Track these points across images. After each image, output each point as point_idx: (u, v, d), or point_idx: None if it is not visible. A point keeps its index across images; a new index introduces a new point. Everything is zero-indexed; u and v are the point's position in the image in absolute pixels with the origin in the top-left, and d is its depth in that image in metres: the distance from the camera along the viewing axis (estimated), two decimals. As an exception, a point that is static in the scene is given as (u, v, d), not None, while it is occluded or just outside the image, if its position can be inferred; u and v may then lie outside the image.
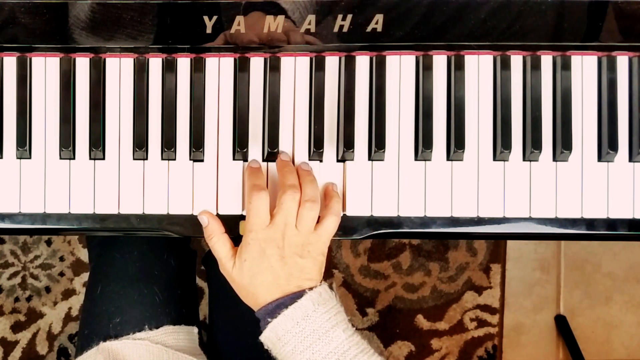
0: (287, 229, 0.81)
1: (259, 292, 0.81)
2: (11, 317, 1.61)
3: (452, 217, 0.87)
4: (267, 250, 0.80)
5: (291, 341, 0.78)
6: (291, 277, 0.80)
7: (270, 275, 0.81)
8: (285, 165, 0.85)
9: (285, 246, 0.81)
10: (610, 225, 0.88)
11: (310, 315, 0.78)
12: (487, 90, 0.88)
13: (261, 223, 0.81)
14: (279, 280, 0.80)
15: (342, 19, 0.84)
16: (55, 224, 0.87)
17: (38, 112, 0.87)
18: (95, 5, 0.83)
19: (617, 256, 1.66)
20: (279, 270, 0.80)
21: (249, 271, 0.81)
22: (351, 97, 0.87)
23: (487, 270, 1.65)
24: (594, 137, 0.88)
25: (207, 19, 0.84)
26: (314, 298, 0.79)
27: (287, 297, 0.80)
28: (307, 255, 0.81)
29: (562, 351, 1.66)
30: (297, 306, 0.79)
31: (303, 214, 0.81)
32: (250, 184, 0.84)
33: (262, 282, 0.81)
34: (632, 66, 0.88)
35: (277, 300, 0.80)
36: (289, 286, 0.80)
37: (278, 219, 0.81)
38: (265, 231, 0.81)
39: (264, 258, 0.80)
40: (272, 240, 0.81)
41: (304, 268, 0.81)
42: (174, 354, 0.94)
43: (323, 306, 0.79)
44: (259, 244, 0.81)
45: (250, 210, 0.82)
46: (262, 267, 0.81)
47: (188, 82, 0.87)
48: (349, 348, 0.78)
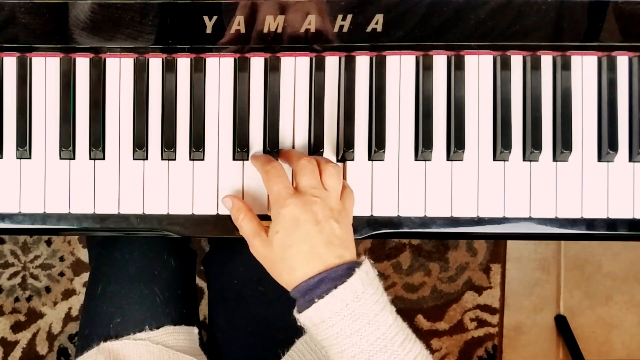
0: (317, 191, 0.77)
1: (296, 264, 0.75)
2: (11, 317, 1.61)
3: (452, 217, 0.87)
4: (300, 217, 0.75)
5: (338, 324, 0.72)
6: (330, 244, 0.75)
7: (307, 243, 0.75)
8: (289, 149, 0.85)
9: (318, 209, 0.75)
10: (610, 225, 0.88)
11: (360, 297, 0.72)
12: (487, 90, 0.88)
13: (286, 190, 0.77)
14: (318, 248, 0.75)
15: (342, 19, 0.84)
16: (55, 224, 0.87)
17: (38, 112, 0.87)
18: (96, 5, 0.83)
19: (617, 256, 1.66)
20: (317, 237, 0.75)
21: (283, 243, 0.76)
22: (351, 97, 0.87)
23: (487, 270, 1.65)
24: (594, 137, 0.88)
25: (207, 19, 0.84)
26: (362, 278, 0.73)
27: (331, 270, 0.74)
28: (341, 220, 0.76)
29: (562, 351, 1.66)
30: (347, 286, 0.72)
31: (327, 173, 0.78)
32: (260, 160, 0.82)
33: (299, 252, 0.75)
34: (632, 66, 0.88)
35: (320, 274, 0.74)
36: (329, 255, 0.75)
37: (304, 183, 0.77)
38: (293, 197, 0.76)
39: (298, 226, 0.75)
40: (304, 204, 0.75)
41: (341, 235, 0.76)
42: (174, 354, 0.94)
43: (371, 287, 0.73)
44: (290, 211, 0.76)
45: (269, 181, 0.79)
46: (297, 236, 0.75)
47: (188, 82, 0.87)
48: (396, 334, 0.73)
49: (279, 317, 0.98)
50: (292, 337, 0.95)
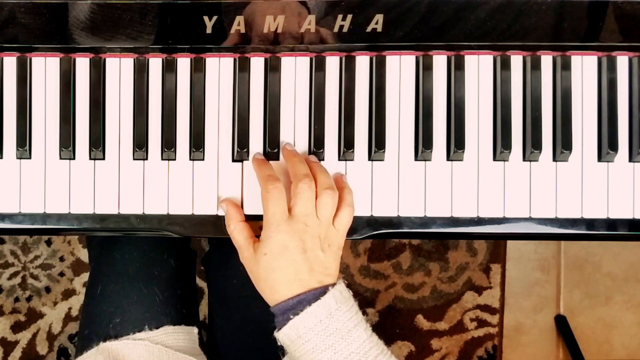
0: (309, 219, 0.79)
1: (278, 286, 0.78)
2: (11, 317, 1.61)
3: (452, 217, 0.87)
4: (289, 244, 0.78)
5: (313, 339, 0.76)
6: (313, 271, 0.78)
7: (291, 269, 0.78)
8: (294, 155, 0.84)
9: (308, 238, 0.78)
10: (610, 225, 0.88)
11: (333, 313, 0.76)
12: (487, 90, 0.88)
13: (281, 214, 0.79)
14: (301, 274, 0.78)
15: (342, 19, 0.84)
16: (55, 224, 0.87)
17: (38, 112, 0.87)
18: (95, 5, 0.83)
19: (617, 256, 1.66)
20: (301, 264, 0.78)
21: (269, 265, 0.78)
22: (351, 97, 0.87)
23: (487, 270, 1.65)
24: (594, 137, 0.88)
25: (207, 19, 0.84)
26: (336, 296, 0.77)
27: (310, 292, 0.77)
28: (327, 250, 0.79)
29: (562, 351, 1.66)
30: (321, 304, 0.76)
31: (322, 202, 0.80)
32: (262, 174, 0.82)
33: (283, 276, 0.78)
34: (632, 66, 0.88)
35: (299, 296, 0.77)
36: (310, 281, 0.78)
37: (298, 209, 0.79)
38: (287, 223, 0.79)
39: (285, 252, 0.78)
40: (295, 232, 0.78)
41: (325, 262, 0.79)
42: (174, 354, 0.94)
43: (345, 304, 0.77)
44: (281, 237, 0.78)
45: (268, 202, 0.80)
46: (283, 261, 0.78)
47: (188, 82, 0.87)
48: (370, 349, 0.77)
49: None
50: (292, 337, 0.95)
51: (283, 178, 0.84)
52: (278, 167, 0.86)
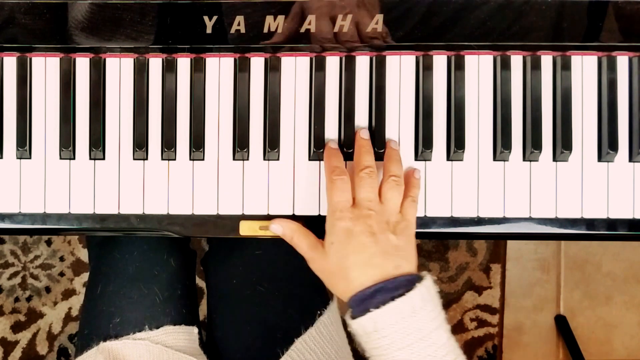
0: (372, 204, 0.77)
1: (353, 274, 0.75)
2: (11, 317, 1.61)
3: (452, 217, 0.87)
4: (355, 228, 0.76)
5: (390, 336, 0.72)
6: (387, 254, 0.75)
7: (363, 253, 0.75)
8: (364, 144, 0.83)
9: (374, 223, 0.76)
10: (610, 225, 0.88)
11: (417, 312, 0.72)
12: (487, 90, 0.88)
13: (345, 202, 0.78)
14: (374, 258, 0.75)
15: (342, 19, 0.84)
16: (55, 224, 0.87)
17: (38, 112, 0.87)
18: (95, 5, 0.83)
19: (617, 256, 1.66)
20: (372, 247, 0.75)
21: (338, 253, 0.76)
22: (351, 97, 0.87)
23: (487, 270, 1.65)
24: (594, 137, 0.88)
25: (207, 19, 0.84)
26: (423, 293, 0.73)
27: (388, 280, 0.74)
28: (399, 233, 0.77)
29: (562, 351, 1.66)
30: (405, 300, 0.72)
31: (385, 189, 0.79)
32: (329, 165, 0.82)
33: (355, 262, 0.75)
34: (632, 66, 0.88)
35: (377, 284, 0.74)
36: (385, 265, 0.75)
37: (360, 195, 0.78)
38: (351, 210, 0.77)
39: (352, 237, 0.76)
40: (359, 217, 0.76)
41: (398, 245, 0.76)
42: (174, 354, 0.94)
43: (430, 303, 0.73)
44: (345, 223, 0.77)
45: (331, 191, 0.79)
46: (352, 247, 0.75)
47: (188, 82, 0.87)
48: (447, 353, 0.73)
49: (278, 316, 0.98)
50: (292, 337, 0.95)
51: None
52: (282, 167, 0.86)
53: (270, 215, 0.87)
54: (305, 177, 0.87)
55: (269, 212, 0.87)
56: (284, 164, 0.87)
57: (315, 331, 0.96)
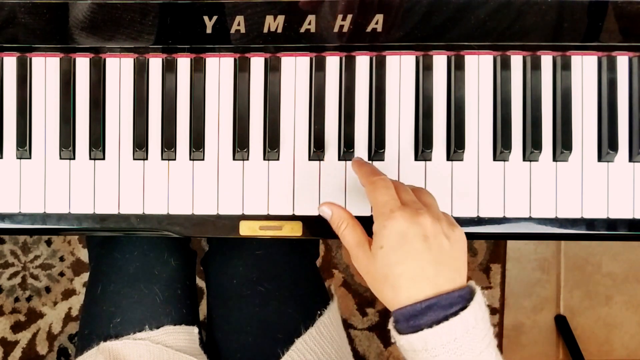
0: (419, 204, 0.72)
1: (402, 285, 0.69)
2: (11, 317, 1.61)
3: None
4: (408, 231, 0.69)
5: (441, 356, 0.68)
6: (440, 265, 0.69)
7: (414, 262, 0.69)
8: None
9: (426, 222, 0.69)
10: (610, 225, 0.88)
11: (470, 331, 0.68)
12: (487, 90, 0.88)
13: (394, 202, 0.71)
14: (427, 268, 0.69)
15: (342, 19, 0.84)
16: (55, 224, 0.87)
17: (38, 112, 0.87)
18: (95, 5, 0.83)
19: (617, 256, 1.66)
20: (425, 255, 0.69)
21: (387, 260, 0.70)
22: (351, 97, 0.87)
23: (487, 270, 1.65)
24: (594, 137, 0.88)
25: (207, 19, 0.84)
26: (476, 312, 0.69)
27: (441, 296, 0.68)
28: (452, 236, 0.71)
29: (562, 351, 1.66)
30: (460, 320, 0.67)
31: (422, 192, 0.75)
32: (364, 171, 0.77)
33: (405, 272, 0.69)
34: (632, 66, 0.88)
35: (429, 300, 0.68)
36: (439, 278, 0.69)
37: (406, 197, 0.72)
38: (402, 209, 0.70)
39: (405, 241, 0.69)
40: (411, 216, 0.69)
41: (451, 253, 0.70)
42: (174, 354, 0.94)
43: (482, 321, 0.69)
44: (398, 224, 0.70)
45: (375, 192, 0.73)
46: (403, 253, 0.69)
47: (188, 82, 0.87)
48: None
49: (279, 316, 0.98)
50: (292, 337, 0.95)
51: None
52: (282, 168, 0.86)
53: (270, 215, 0.87)
54: (305, 177, 0.87)
55: (269, 212, 0.87)
56: (284, 164, 0.87)
57: (315, 331, 0.96)
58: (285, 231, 0.87)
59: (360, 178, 0.79)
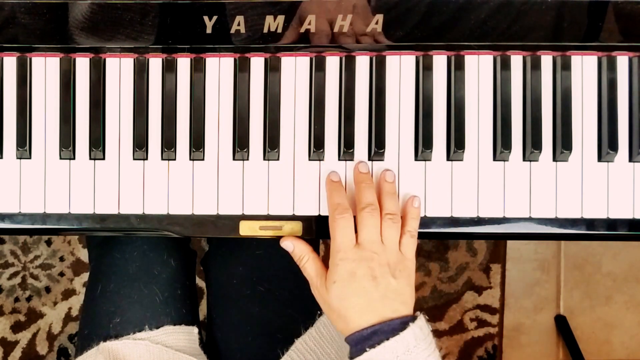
0: (375, 246, 0.79)
1: (351, 315, 0.77)
2: (11, 317, 1.61)
3: (452, 217, 0.87)
4: (357, 271, 0.78)
5: None
6: (386, 299, 0.77)
7: (362, 297, 0.77)
8: (363, 179, 0.84)
9: (376, 266, 0.78)
10: (610, 225, 0.88)
11: (411, 350, 0.75)
12: (487, 90, 0.88)
13: (348, 243, 0.79)
14: (373, 302, 0.77)
15: (342, 19, 0.84)
16: (55, 224, 0.87)
17: (38, 112, 0.87)
18: (95, 5, 0.83)
19: (617, 256, 1.66)
20: (372, 292, 0.77)
21: (339, 293, 0.78)
22: (351, 97, 0.87)
23: (487, 270, 1.65)
24: (594, 137, 0.88)
25: (207, 19, 0.84)
26: (416, 332, 0.76)
27: (384, 323, 0.76)
28: (399, 275, 0.78)
29: (562, 351, 1.66)
30: (399, 339, 0.75)
31: (384, 228, 0.80)
32: (332, 202, 0.82)
33: (354, 304, 0.77)
34: (632, 66, 0.88)
35: (374, 326, 0.76)
36: (384, 309, 0.77)
37: (364, 236, 0.79)
38: (354, 251, 0.79)
39: (354, 279, 0.77)
40: (362, 259, 0.78)
41: (397, 289, 0.78)
42: (174, 354, 0.94)
43: (424, 342, 0.76)
44: (349, 264, 0.78)
45: (335, 230, 0.80)
46: (353, 289, 0.77)
47: (188, 82, 0.87)
48: None
49: (278, 317, 0.98)
50: (292, 337, 0.95)
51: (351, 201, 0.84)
52: (275, 170, 0.86)
53: (270, 215, 0.87)
54: (305, 177, 0.87)
55: (269, 212, 0.87)
56: (284, 164, 0.87)
57: (315, 331, 0.96)
58: (285, 231, 0.87)
59: (328, 205, 0.84)
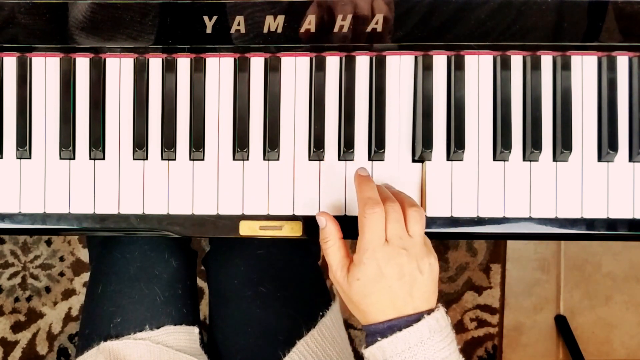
0: (403, 241, 0.76)
1: (371, 311, 0.77)
2: (11, 317, 1.61)
3: (452, 217, 0.87)
4: (385, 270, 0.75)
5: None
6: (408, 297, 0.76)
7: (386, 295, 0.76)
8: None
9: (405, 262, 0.76)
10: (610, 225, 0.88)
11: (424, 342, 0.74)
12: (487, 90, 0.88)
13: (378, 240, 0.76)
14: (396, 301, 0.76)
15: (342, 19, 0.84)
16: (55, 224, 0.87)
17: (38, 112, 0.87)
18: (95, 5, 0.83)
19: (617, 256, 1.66)
20: (397, 290, 0.75)
21: (362, 290, 0.76)
22: (351, 97, 0.87)
23: (487, 270, 1.65)
24: (594, 137, 0.88)
25: (207, 19, 0.84)
26: (431, 324, 0.75)
27: (402, 319, 0.75)
28: (425, 270, 0.76)
29: (562, 351, 1.66)
30: (413, 330, 0.74)
31: (410, 220, 0.77)
32: (362, 196, 0.79)
33: (377, 302, 0.76)
34: (632, 66, 0.88)
35: (391, 321, 0.75)
36: (405, 307, 0.76)
37: (391, 231, 0.76)
38: (383, 249, 0.76)
39: (381, 279, 0.76)
40: (391, 257, 0.75)
41: (422, 286, 0.76)
42: (174, 354, 0.94)
43: (439, 334, 0.75)
44: (377, 263, 0.76)
45: (364, 227, 0.77)
46: (378, 288, 0.76)
47: (188, 82, 0.87)
48: None
49: (280, 317, 0.98)
50: (293, 339, 0.95)
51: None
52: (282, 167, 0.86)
53: (270, 215, 0.87)
54: (305, 177, 0.87)
55: (269, 212, 0.87)
56: (284, 164, 0.87)
57: (317, 332, 0.96)
58: (285, 231, 0.87)
59: (358, 200, 0.80)
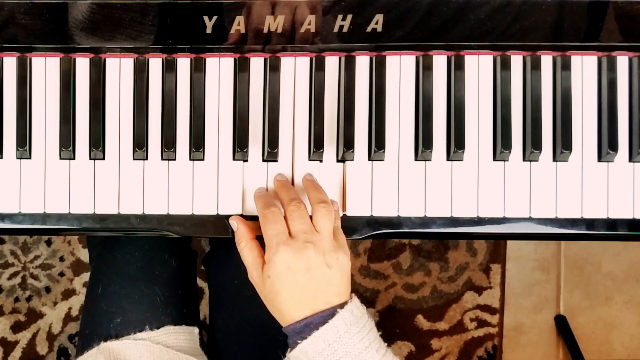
0: (308, 235, 0.78)
1: (285, 308, 0.78)
2: (11, 317, 1.61)
3: (452, 217, 0.87)
4: (292, 265, 0.77)
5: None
6: (318, 291, 0.77)
7: (295, 291, 0.77)
8: (281, 185, 0.85)
9: (312, 255, 0.77)
10: (610, 225, 0.88)
11: (342, 336, 0.75)
12: (487, 90, 0.88)
13: (280, 235, 0.78)
14: (306, 296, 0.77)
15: (342, 19, 0.84)
16: (55, 224, 0.87)
17: (38, 112, 0.87)
18: (95, 5, 0.83)
19: (617, 256, 1.66)
20: (306, 285, 0.77)
21: (273, 288, 0.78)
22: (351, 97, 0.87)
23: (487, 270, 1.65)
24: (594, 137, 0.88)
25: (207, 19, 0.84)
26: (346, 317, 0.76)
27: (317, 315, 0.76)
28: (333, 263, 0.78)
29: (562, 351, 1.66)
30: (329, 327, 0.75)
31: (317, 216, 0.79)
32: (261, 202, 0.82)
33: (288, 298, 0.77)
34: (632, 66, 0.88)
35: (306, 319, 0.76)
36: (316, 302, 0.77)
37: (295, 227, 0.78)
38: (287, 243, 0.78)
39: (288, 273, 0.77)
40: (297, 250, 0.77)
41: (332, 280, 0.77)
42: (174, 354, 0.94)
43: (355, 326, 0.76)
44: (283, 258, 0.77)
45: (265, 225, 0.80)
46: (286, 283, 0.77)
47: (188, 82, 0.87)
48: None
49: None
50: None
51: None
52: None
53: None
54: (305, 177, 0.87)
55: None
56: (284, 164, 0.87)
57: (315, 332, 0.96)
58: (285, 231, 0.87)
59: (257, 210, 0.83)
